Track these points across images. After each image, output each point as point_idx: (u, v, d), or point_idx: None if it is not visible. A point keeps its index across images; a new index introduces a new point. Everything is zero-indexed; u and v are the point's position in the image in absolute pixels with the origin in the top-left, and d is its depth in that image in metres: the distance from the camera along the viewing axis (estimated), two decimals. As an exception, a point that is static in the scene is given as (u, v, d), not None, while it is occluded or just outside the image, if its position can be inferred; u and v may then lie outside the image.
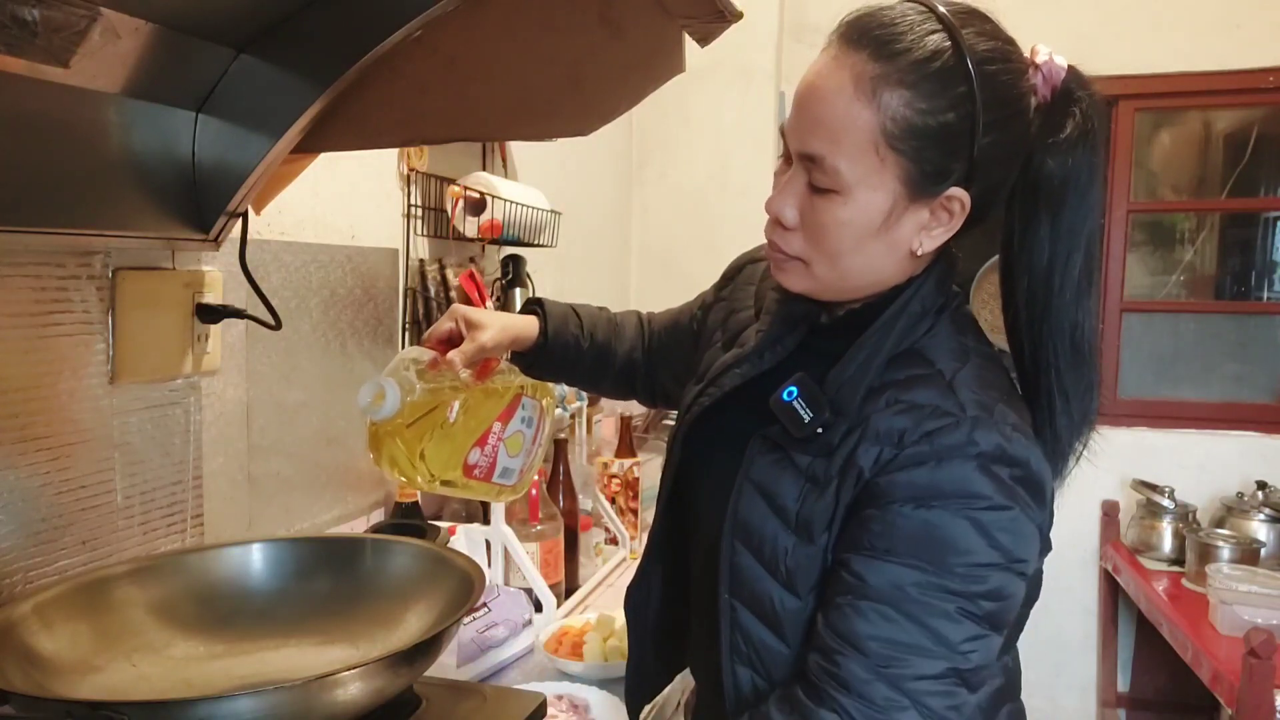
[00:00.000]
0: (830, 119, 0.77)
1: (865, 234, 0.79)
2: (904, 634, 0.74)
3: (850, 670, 0.75)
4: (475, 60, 1.18)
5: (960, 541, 0.74)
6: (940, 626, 0.74)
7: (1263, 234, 3.24)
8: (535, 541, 1.70)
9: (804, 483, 0.82)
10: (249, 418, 1.37)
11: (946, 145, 0.76)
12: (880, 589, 0.75)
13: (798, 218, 0.82)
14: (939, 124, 0.75)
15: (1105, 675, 2.93)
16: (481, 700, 1.01)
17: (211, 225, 1.16)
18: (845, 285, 0.84)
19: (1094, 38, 2.88)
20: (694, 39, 1.28)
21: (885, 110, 0.75)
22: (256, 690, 0.73)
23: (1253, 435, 2.86)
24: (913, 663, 0.74)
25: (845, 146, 0.77)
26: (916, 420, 0.77)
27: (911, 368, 0.82)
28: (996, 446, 0.75)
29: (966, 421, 0.76)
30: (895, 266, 0.83)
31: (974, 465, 0.75)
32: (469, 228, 1.76)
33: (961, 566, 0.74)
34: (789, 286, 0.87)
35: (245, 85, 1.08)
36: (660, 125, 3.05)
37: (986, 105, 0.76)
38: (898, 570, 0.75)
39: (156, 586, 1.01)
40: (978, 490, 0.75)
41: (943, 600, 0.74)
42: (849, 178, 0.77)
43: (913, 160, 0.76)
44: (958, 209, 0.79)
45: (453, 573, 1.01)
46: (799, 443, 0.82)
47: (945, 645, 0.74)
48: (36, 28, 0.85)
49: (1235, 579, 2.18)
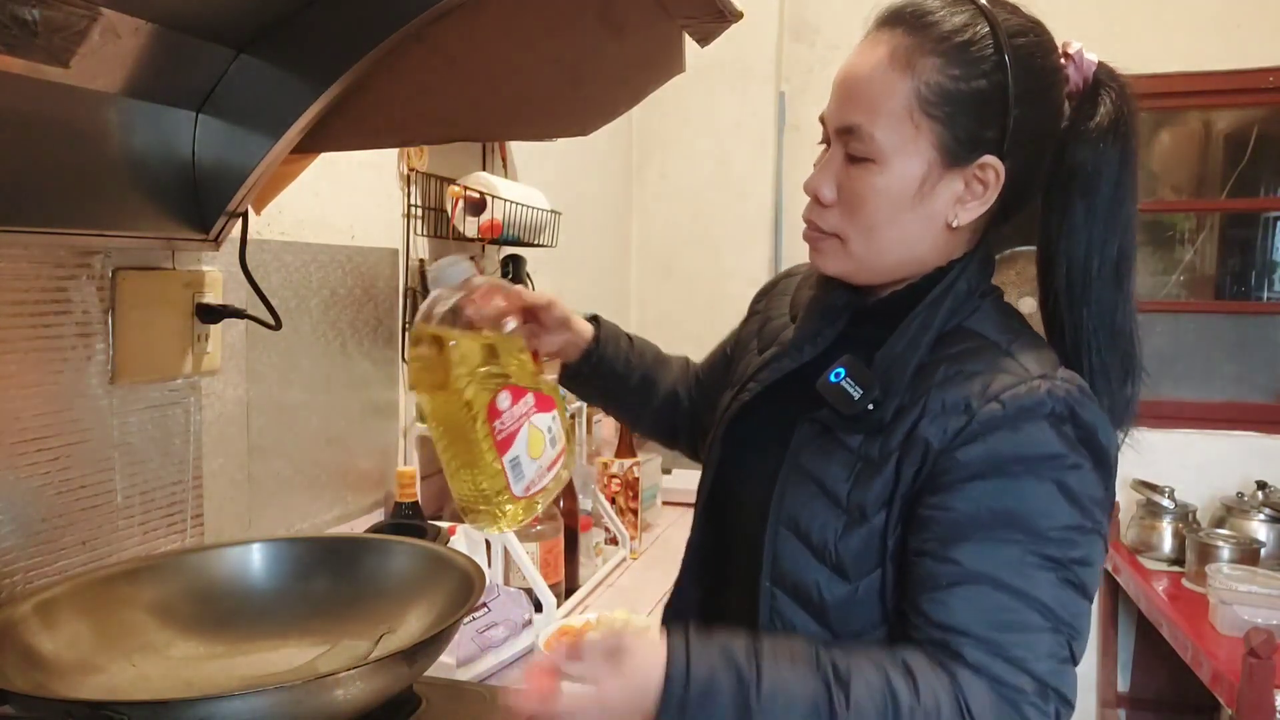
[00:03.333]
0: (867, 89, 0.80)
1: (901, 204, 0.80)
2: (1012, 613, 0.72)
3: (969, 656, 0.71)
4: (475, 60, 1.18)
5: (1049, 506, 0.73)
6: (1043, 596, 0.72)
7: (1263, 234, 3.24)
8: (535, 541, 1.70)
9: (856, 463, 0.81)
10: (249, 418, 1.37)
11: (979, 112, 0.78)
12: (978, 570, 0.72)
13: (834, 193, 0.83)
14: (972, 90, 0.78)
15: (1105, 675, 2.93)
16: (481, 700, 1.01)
17: (211, 225, 1.16)
18: (881, 263, 0.84)
19: (1094, 38, 2.87)
20: (694, 39, 1.28)
21: (919, 77, 0.78)
22: (256, 690, 0.74)
23: (1253, 435, 2.86)
24: (1027, 641, 0.71)
25: (882, 114, 0.79)
26: (983, 384, 0.76)
27: (963, 342, 0.81)
28: (1066, 407, 0.75)
29: (1035, 380, 0.75)
30: (931, 241, 0.83)
31: (1048, 424, 0.74)
32: (469, 228, 1.76)
33: (1055, 531, 0.73)
34: (825, 269, 0.87)
35: (245, 85, 1.08)
36: (660, 125, 3.05)
37: (1017, 76, 0.78)
38: (993, 547, 0.73)
39: (156, 586, 1.02)
40: (1056, 450, 0.74)
41: (1043, 570, 0.72)
42: (885, 145, 0.79)
43: (946, 126, 0.78)
44: (992, 179, 0.80)
45: (453, 573, 1.01)
46: (849, 422, 0.81)
47: (1055, 618, 0.72)
48: (36, 28, 0.85)
49: (1235, 579, 2.18)
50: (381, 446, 1.69)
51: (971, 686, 0.70)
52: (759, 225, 2.99)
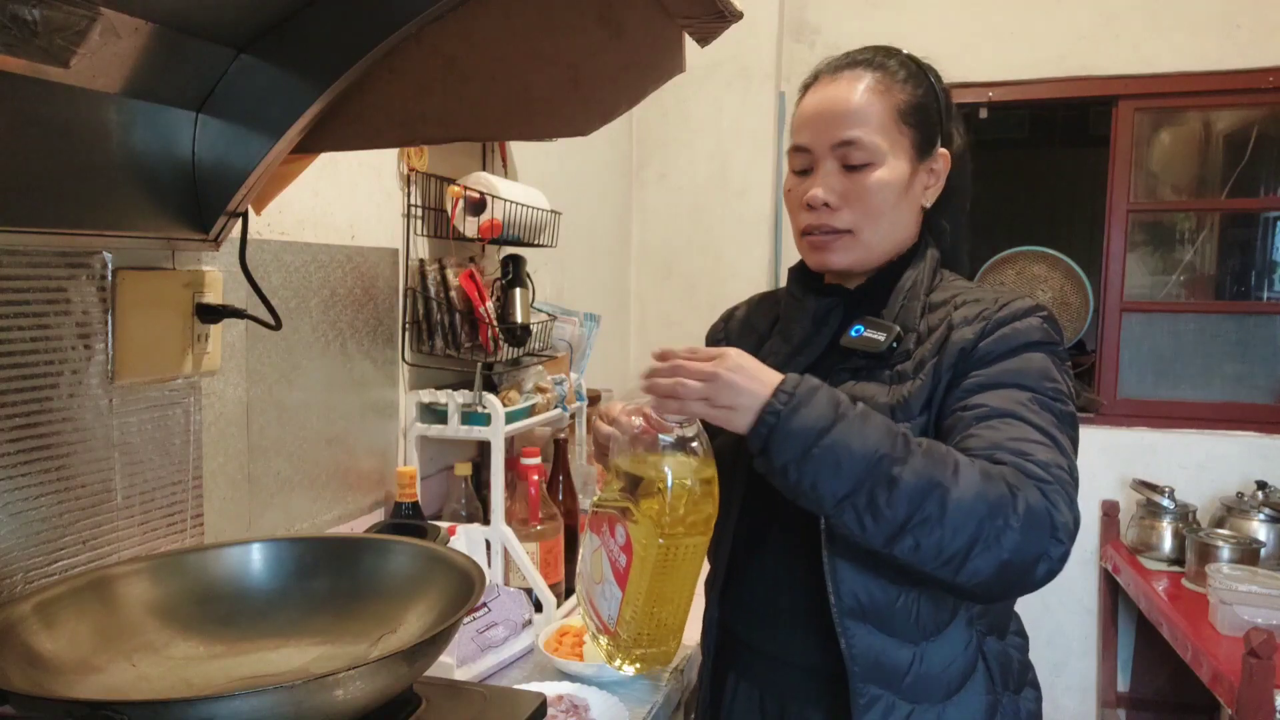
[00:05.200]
0: (858, 110, 1.03)
1: (898, 193, 1.04)
2: (1030, 432, 0.91)
3: (1017, 461, 0.89)
4: (475, 60, 1.18)
5: (1048, 370, 0.96)
6: (1052, 430, 0.92)
7: (1263, 234, 3.24)
8: (535, 541, 1.70)
9: (891, 382, 1.00)
10: (249, 418, 1.37)
11: (932, 118, 1.07)
12: (1001, 407, 0.93)
13: (838, 199, 1.04)
14: (926, 102, 1.06)
15: (1105, 675, 2.93)
16: (481, 700, 1.01)
17: (211, 225, 1.16)
18: (882, 247, 1.06)
19: (1094, 38, 2.88)
20: (694, 39, 1.28)
21: (894, 96, 1.04)
22: (256, 690, 0.73)
23: (1253, 435, 2.86)
24: (1041, 453, 0.90)
25: (875, 125, 1.03)
26: (991, 301, 1.01)
27: (952, 287, 1.06)
28: (1049, 313, 1.01)
29: (1022, 296, 1.01)
30: (911, 222, 1.08)
31: (1040, 320, 0.99)
32: (469, 228, 1.76)
33: (1050, 386, 0.96)
34: (835, 264, 1.07)
35: (245, 85, 1.08)
36: (660, 125, 3.05)
37: (943, 91, 1.09)
38: (1010, 392, 0.94)
39: (156, 586, 1.02)
40: (1050, 336, 0.99)
41: (1046, 412, 0.93)
42: (883, 147, 1.03)
43: (918, 130, 1.05)
44: (941, 166, 1.08)
45: (453, 573, 1.01)
46: (879, 360, 1.01)
47: (1059, 446, 0.92)
48: (36, 28, 0.85)
49: (1235, 579, 2.18)
50: (381, 446, 1.69)
51: (1014, 474, 0.87)
52: (759, 225, 2.99)
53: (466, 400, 1.72)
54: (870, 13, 3.08)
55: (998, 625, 1.07)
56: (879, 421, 0.88)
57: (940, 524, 0.84)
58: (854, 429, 0.86)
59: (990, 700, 1.02)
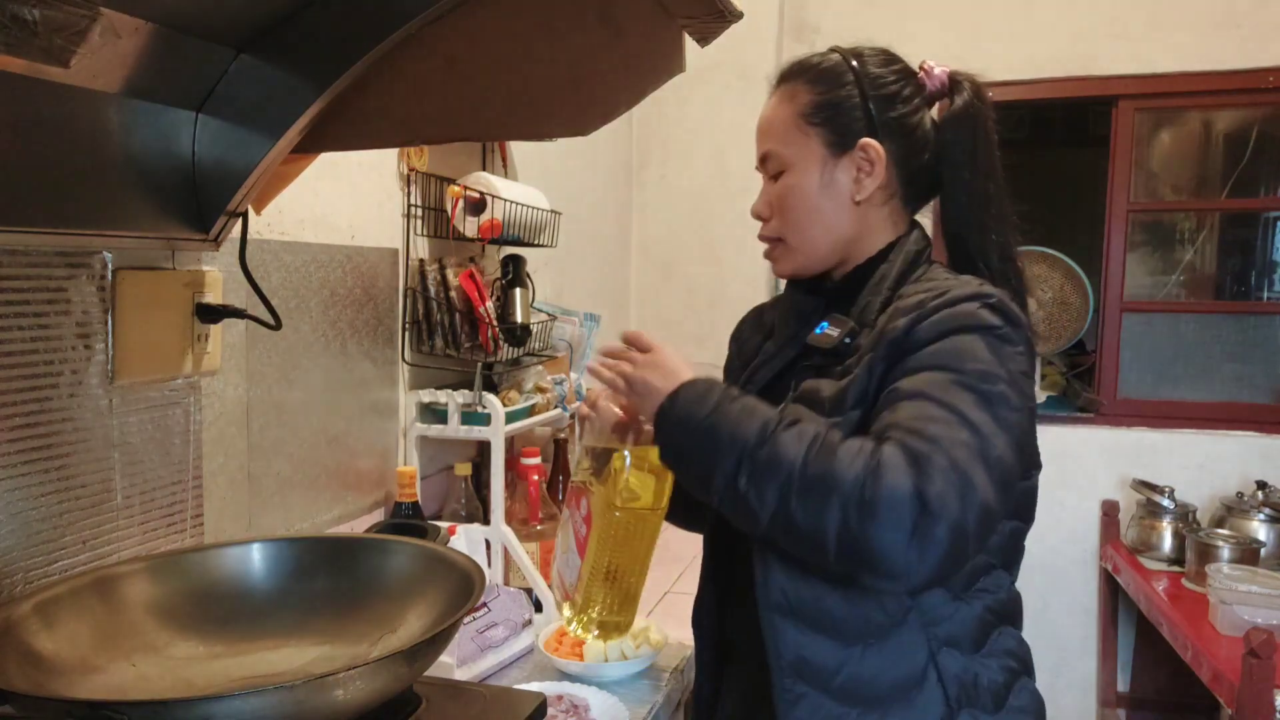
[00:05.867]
0: (767, 124, 1.10)
1: (813, 194, 1.06)
2: (933, 410, 0.85)
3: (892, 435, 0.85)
4: (475, 60, 1.18)
5: (974, 351, 0.90)
6: (962, 407, 0.85)
7: (1263, 234, 3.24)
8: (535, 541, 1.70)
9: (839, 378, 0.98)
10: (249, 418, 1.37)
11: (847, 111, 1.05)
12: (913, 390, 0.88)
13: (769, 209, 1.10)
14: (837, 98, 1.05)
15: (1105, 675, 2.93)
16: (481, 700, 1.01)
17: (211, 225, 1.16)
18: (817, 250, 1.08)
19: (1094, 38, 2.88)
20: (694, 39, 1.28)
21: (798, 101, 1.07)
22: (256, 690, 0.73)
23: (1253, 435, 2.86)
24: (943, 431, 0.83)
25: (779, 134, 1.07)
26: (930, 290, 0.96)
27: (921, 282, 1.02)
28: (995, 298, 0.95)
29: (970, 283, 0.97)
30: (848, 220, 1.06)
31: (979, 304, 0.94)
32: (469, 228, 1.76)
33: (976, 366, 0.89)
34: (780, 271, 1.12)
35: (245, 85, 1.08)
36: (660, 125, 3.05)
37: (871, 83, 1.05)
38: (926, 374, 0.89)
39: (156, 586, 1.02)
40: (988, 321, 0.93)
41: (962, 391, 0.87)
42: (789, 154, 1.07)
43: (826, 126, 1.05)
44: (875, 155, 1.04)
45: (453, 573, 1.01)
46: (834, 357, 1.01)
47: (968, 423, 0.84)
48: (36, 28, 0.85)
49: (1235, 579, 2.18)
50: (381, 446, 1.69)
51: (884, 447, 0.84)
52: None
53: (466, 400, 1.72)
54: (870, 13, 3.08)
55: (960, 638, 0.99)
56: (760, 413, 0.91)
57: (801, 502, 0.84)
58: (727, 418, 0.90)
59: (941, 715, 0.96)
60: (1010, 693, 1.01)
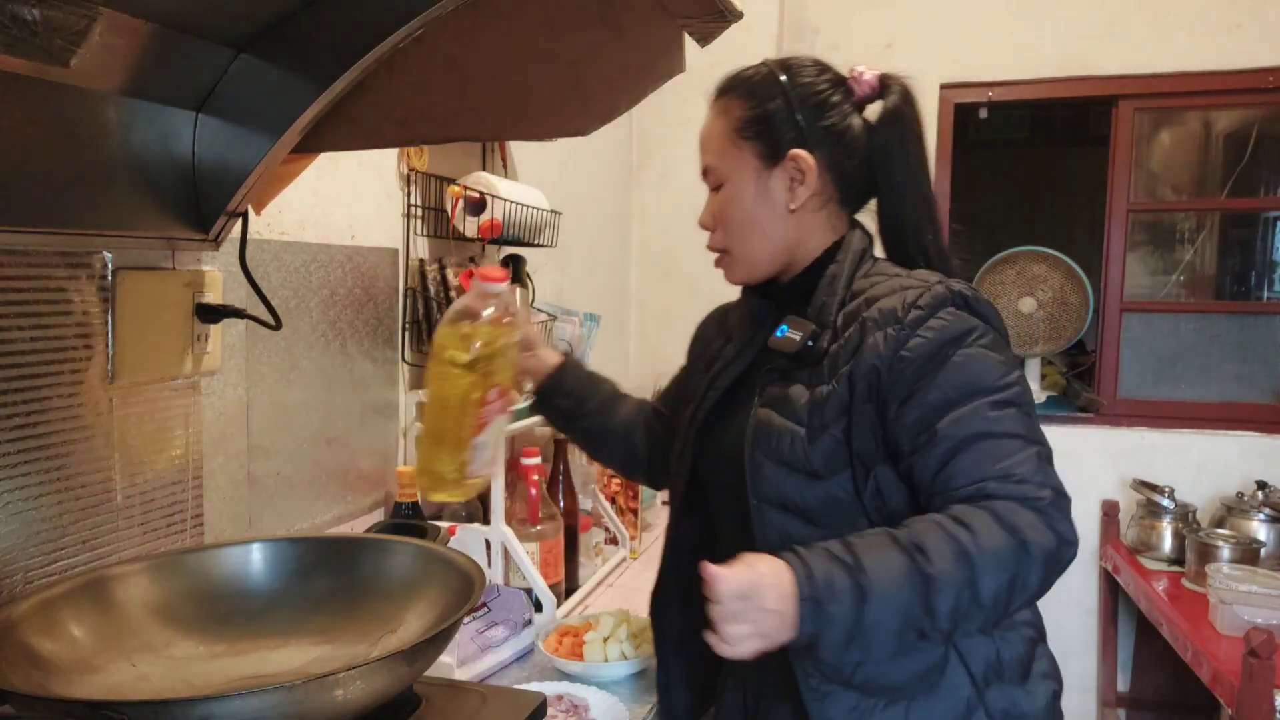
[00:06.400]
0: (706, 138, 1.13)
1: (750, 204, 1.09)
2: (1003, 449, 0.91)
3: (992, 490, 0.90)
4: (475, 60, 1.18)
5: (985, 366, 0.95)
6: (1014, 428, 0.93)
7: (1263, 234, 3.24)
8: (535, 541, 1.70)
9: (809, 388, 1.01)
10: (249, 418, 1.37)
11: (777, 123, 1.07)
12: (965, 434, 0.92)
13: (713, 221, 1.14)
14: (766, 111, 1.08)
15: (1105, 675, 2.93)
16: (481, 700, 1.01)
17: (211, 225, 1.16)
18: (759, 257, 1.11)
19: (1094, 38, 2.88)
20: (694, 39, 1.28)
21: (730, 116, 1.10)
22: (256, 690, 0.73)
23: (1253, 435, 2.86)
24: (1021, 462, 0.91)
25: (716, 149, 1.11)
26: (900, 300, 0.98)
27: (871, 278, 1.05)
28: (961, 296, 0.99)
29: (934, 284, 0.99)
30: (784, 227, 1.09)
31: (955, 308, 0.98)
32: (469, 228, 1.76)
33: (997, 381, 0.95)
34: (730, 280, 1.17)
35: (245, 85, 1.08)
36: (660, 125, 3.04)
37: (800, 94, 1.07)
38: (967, 413, 0.93)
39: (156, 586, 1.02)
40: (970, 325, 0.97)
41: (1004, 410, 0.93)
42: (725, 167, 1.11)
43: (757, 139, 1.08)
44: (805, 165, 1.07)
45: (453, 573, 1.01)
46: (798, 360, 1.03)
47: (1027, 440, 0.93)
48: (36, 28, 0.85)
49: (1235, 579, 2.18)
50: (381, 446, 1.69)
51: (1005, 507, 0.88)
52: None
53: (466, 400, 1.72)
54: (870, 13, 3.08)
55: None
56: (890, 567, 0.85)
57: (981, 609, 0.87)
58: (877, 607, 0.84)
59: (969, 696, 1.00)
60: (1034, 661, 1.08)
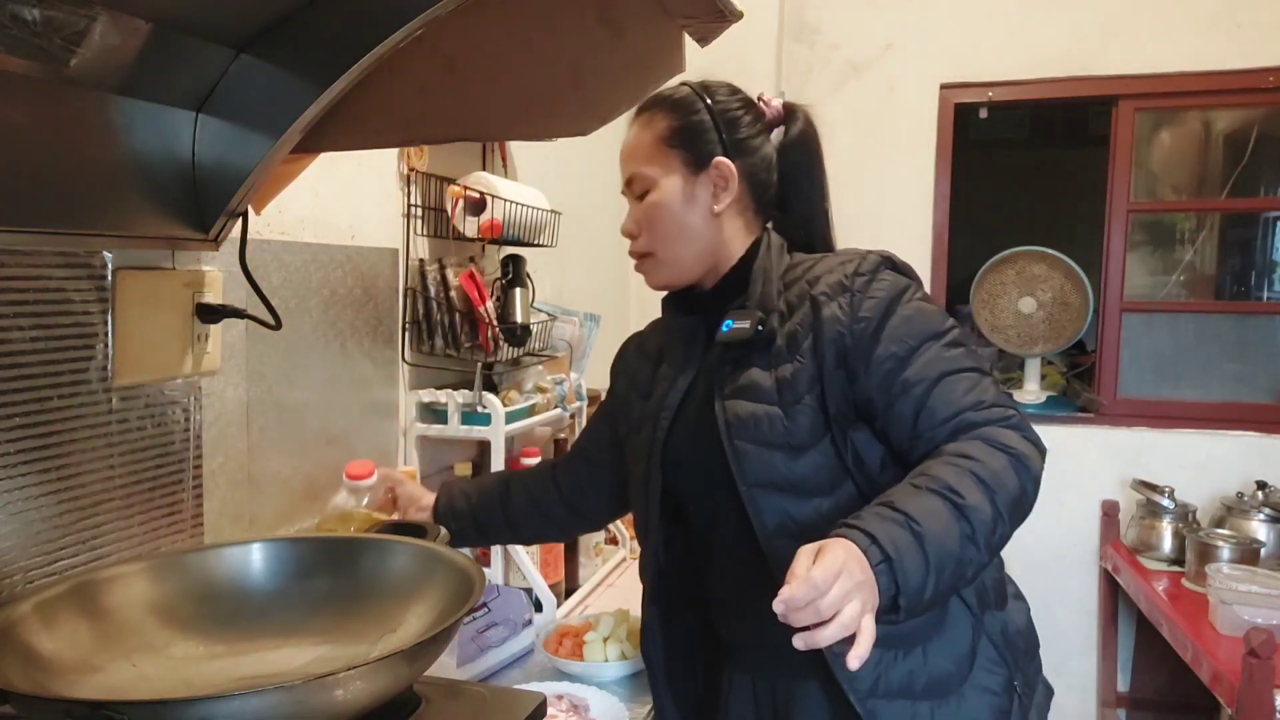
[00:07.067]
0: (630, 149, 1.18)
1: (677, 209, 1.14)
2: (970, 382, 1.03)
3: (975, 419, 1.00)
4: (475, 60, 1.18)
5: (929, 315, 1.07)
6: (965, 360, 1.05)
7: (1263, 234, 3.24)
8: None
9: (772, 367, 1.08)
10: (249, 418, 1.37)
11: (701, 134, 1.14)
12: (935, 374, 1.03)
13: (637, 227, 1.17)
14: (692, 123, 1.15)
15: (1105, 675, 2.93)
16: (481, 700, 1.01)
17: (211, 225, 1.16)
18: (684, 259, 1.16)
19: (1094, 38, 2.88)
20: (694, 39, 1.28)
21: (655, 127, 1.15)
22: (256, 690, 0.73)
23: (1253, 435, 2.86)
24: (987, 389, 1.03)
25: (643, 157, 1.16)
26: (841, 271, 1.09)
27: (801, 265, 1.14)
28: (889, 259, 1.11)
29: (866, 252, 1.11)
30: (709, 231, 1.15)
31: (889, 269, 1.10)
32: (469, 228, 1.76)
33: (944, 325, 1.07)
34: (654, 284, 1.20)
35: (245, 85, 1.08)
36: (660, 125, 3.04)
37: (720, 110, 1.15)
38: (924, 353, 1.04)
39: (156, 586, 1.01)
40: (905, 283, 1.09)
41: (956, 348, 1.05)
42: (653, 174, 1.15)
43: (684, 148, 1.14)
44: (729, 172, 1.14)
45: (452, 573, 1.01)
46: (752, 345, 1.09)
47: (979, 370, 1.05)
48: (36, 28, 0.85)
49: (1235, 579, 2.18)
50: (381, 446, 1.69)
51: (989, 432, 0.99)
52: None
53: (466, 400, 1.72)
54: (870, 13, 3.08)
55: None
56: (933, 510, 0.91)
57: (1004, 523, 0.95)
58: (936, 548, 0.89)
59: (973, 624, 1.08)
60: (1005, 585, 1.17)
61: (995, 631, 1.10)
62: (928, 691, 1.05)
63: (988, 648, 1.09)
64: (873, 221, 3.07)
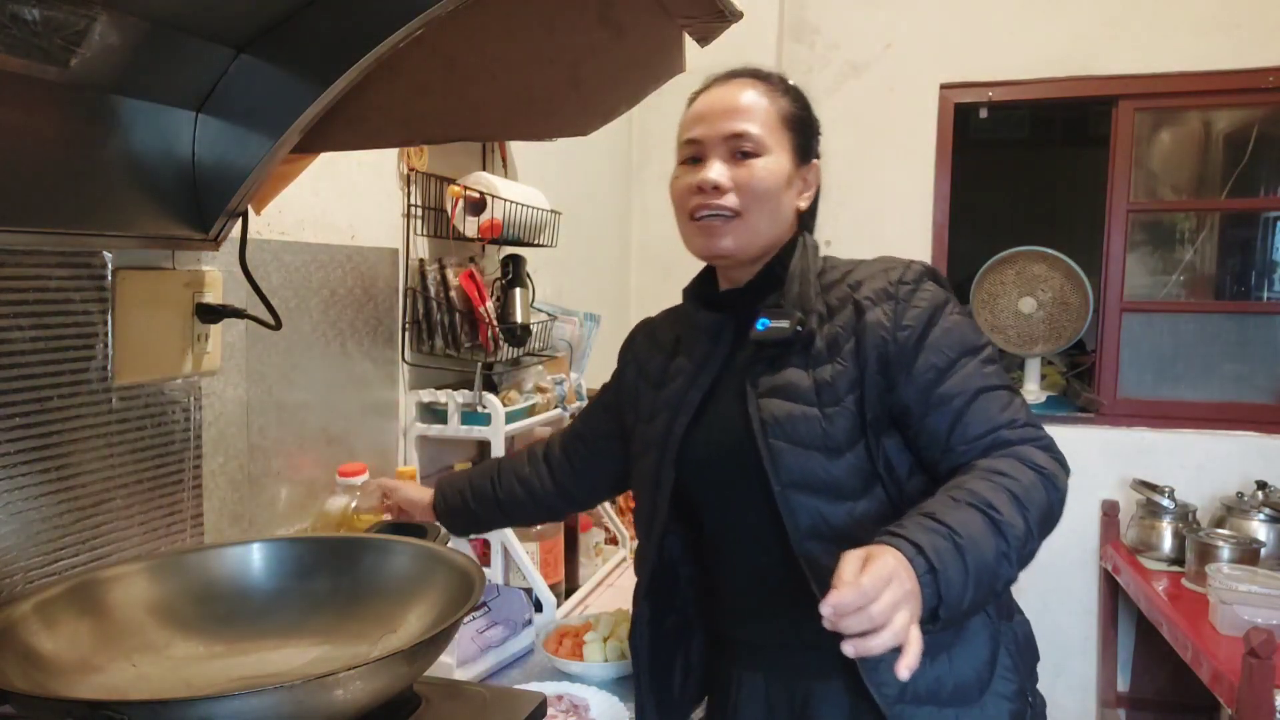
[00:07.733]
0: (749, 108, 1.12)
1: (781, 183, 1.12)
2: (1003, 400, 1.04)
3: (1009, 437, 1.02)
4: (475, 60, 1.18)
5: (966, 330, 1.08)
6: (998, 379, 1.06)
7: (1263, 234, 3.24)
8: (535, 541, 1.70)
9: (810, 368, 1.07)
10: (249, 418, 1.37)
11: (808, 132, 1.16)
12: (971, 389, 1.04)
13: (731, 183, 1.11)
14: (804, 117, 1.16)
15: (1105, 675, 2.93)
16: (481, 700, 1.01)
17: (211, 225, 1.16)
18: (765, 236, 1.13)
19: (1094, 38, 2.88)
20: (694, 39, 1.28)
21: (778, 102, 1.14)
22: (256, 690, 0.73)
23: (1253, 435, 2.86)
24: (1018, 408, 1.05)
25: (763, 121, 1.12)
26: (885, 277, 1.09)
27: (839, 268, 1.14)
28: (931, 270, 1.12)
29: (911, 263, 1.12)
30: (787, 220, 1.15)
31: (932, 282, 1.10)
32: (469, 228, 1.76)
33: (981, 341, 1.08)
34: (721, 248, 1.12)
35: (245, 85, 1.08)
36: (660, 125, 3.04)
37: (813, 116, 1.18)
38: (968, 371, 1.05)
39: (156, 586, 1.02)
40: (946, 296, 1.10)
41: (988, 366, 1.06)
42: (769, 142, 1.11)
43: (797, 135, 1.14)
44: (813, 178, 1.17)
45: (453, 573, 1.01)
46: (788, 345, 1.08)
47: (1011, 389, 1.07)
48: (36, 28, 0.85)
49: (1235, 579, 2.18)
50: (381, 446, 1.69)
51: (1022, 451, 1.01)
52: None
53: (466, 400, 1.72)
54: (870, 13, 3.08)
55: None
56: (971, 521, 0.92)
57: (1033, 538, 0.98)
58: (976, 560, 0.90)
59: (992, 632, 1.10)
60: (1013, 597, 1.18)
61: (1010, 640, 1.12)
62: (953, 698, 1.06)
63: (1004, 656, 1.10)
64: (873, 221, 3.07)
